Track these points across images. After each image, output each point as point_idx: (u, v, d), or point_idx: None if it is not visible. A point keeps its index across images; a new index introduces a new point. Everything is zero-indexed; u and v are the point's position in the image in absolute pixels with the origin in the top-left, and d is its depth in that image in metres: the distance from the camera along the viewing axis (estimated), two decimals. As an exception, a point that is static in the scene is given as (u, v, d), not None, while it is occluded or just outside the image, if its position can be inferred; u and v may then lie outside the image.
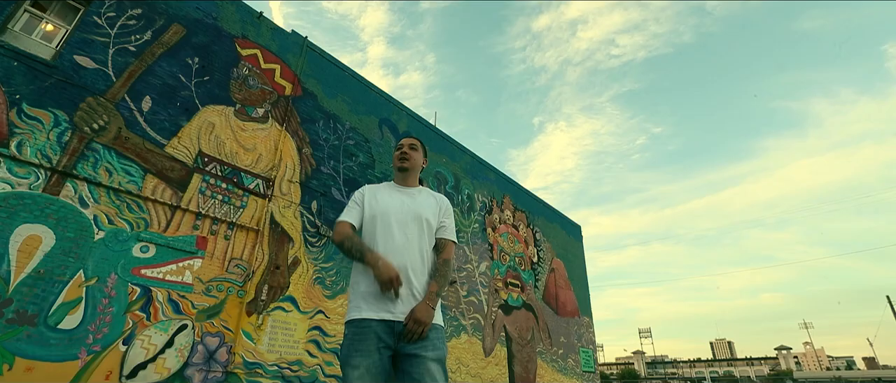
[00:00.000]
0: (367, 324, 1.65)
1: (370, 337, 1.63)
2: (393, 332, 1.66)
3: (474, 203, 11.00)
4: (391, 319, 1.67)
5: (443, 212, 2.03)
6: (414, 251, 1.81)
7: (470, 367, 8.99)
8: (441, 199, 2.08)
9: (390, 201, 1.94)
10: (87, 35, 5.25)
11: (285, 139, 7.12)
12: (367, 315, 1.68)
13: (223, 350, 5.61)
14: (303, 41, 7.94)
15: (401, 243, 1.81)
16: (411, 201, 1.97)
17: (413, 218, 1.90)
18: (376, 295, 1.70)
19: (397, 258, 1.75)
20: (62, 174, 4.77)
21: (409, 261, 1.77)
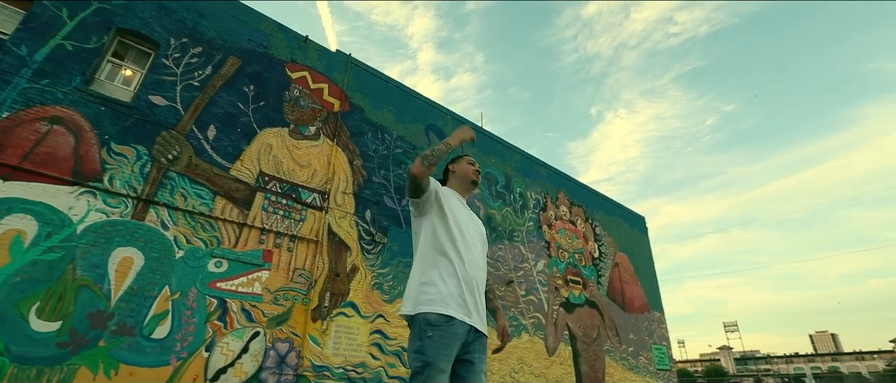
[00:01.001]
0: (455, 327, 1.71)
1: (456, 342, 1.69)
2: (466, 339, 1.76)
3: (527, 201, 10.85)
4: (471, 324, 1.77)
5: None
6: (482, 268, 1.99)
7: (533, 367, 8.86)
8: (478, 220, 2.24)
9: (463, 213, 2.05)
10: (158, 76, 5.89)
11: (337, 153, 7.49)
12: (455, 314, 1.72)
13: (293, 354, 6.00)
14: (347, 58, 8.32)
15: (476, 259, 1.94)
16: (475, 221, 2.12)
17: (479, 236, 2.07)
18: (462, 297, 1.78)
19: (474, 272, 1.88)
20: (146, 202, 5.38)
21: (482, 276, 1.95)
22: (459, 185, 2.19)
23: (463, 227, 1.95)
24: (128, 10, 5.90)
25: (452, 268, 1.83)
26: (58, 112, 5.04)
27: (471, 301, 1.80)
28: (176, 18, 6.30)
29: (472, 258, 1.90)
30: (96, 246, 4.92)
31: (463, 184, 2.19)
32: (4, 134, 4.65)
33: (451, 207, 1.98)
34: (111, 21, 5.70)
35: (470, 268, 1.86)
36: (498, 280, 9.11)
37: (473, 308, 1.80)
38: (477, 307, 1.82)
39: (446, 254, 1.86)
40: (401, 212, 8.01)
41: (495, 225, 9.69)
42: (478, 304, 1.84)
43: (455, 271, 1.83)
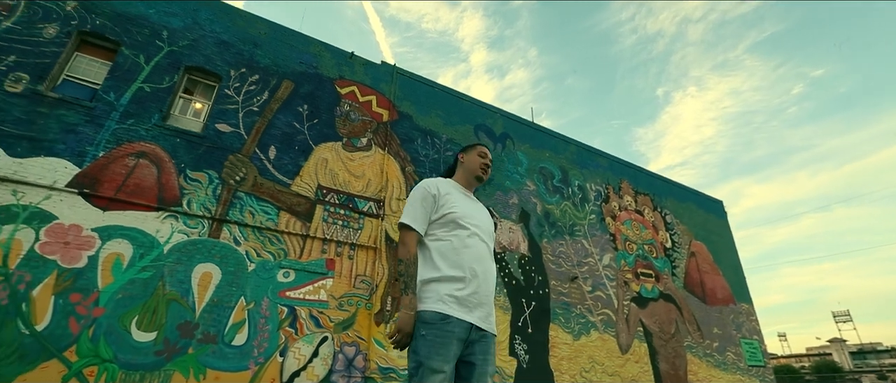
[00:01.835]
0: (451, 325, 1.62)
1: (451, 341, 1.59)
2: (468, 338, 1.65)
3: (587, 193, 10.43)
4: (471, 322, 1.66)
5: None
6: (491, 262, 1.87)
7: (606, 366, 8.47)
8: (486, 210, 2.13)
9: (469, 207, 1.93)
10: (222, 106, 6.44)
11: (389, 162, 7.71)
12: (451, 312, 1.64)
13: (360, 357, 6.24)
14: (392, 69, 8.55)
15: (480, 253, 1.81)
16: (484, 215, 1.99)
17: (488, 226, 1.96)
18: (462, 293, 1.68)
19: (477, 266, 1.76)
20: (219, 221, 5.90)
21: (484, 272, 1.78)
22: (465, 177, 2.08)
23: (468, 221, 1.85)
24: (193, 48, 6.53)
25: (453, 263, 1.75)
26: (142, 147, 5.69)
27: (472, 297, 1.69)
28: (234, 51, 6.86)
29: (476, 252, 1.80)
30: (180, 263, 5.47)
31: (468, 177, 2.08)
32: (101, 170, 5.33)
33: (453, 204, 1.88)
34: (180, 61, 6.34)
35: (473, 262, 1.76)
36: (561, 277, 8.84)
37: (475, 305, 1.70)
38: (481, 304, 1.71)
39: (447, 249, 1.79)
40: (455, 214, 8.05)
41: (554, 220, 9.42)
42: (482, 301, 1.72)
43: (456, 266, 1.74)
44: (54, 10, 5.77)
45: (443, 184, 1.97)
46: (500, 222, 8.59)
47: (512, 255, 8.42)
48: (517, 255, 8.49)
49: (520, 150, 9.74)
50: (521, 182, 9.35)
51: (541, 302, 8.28)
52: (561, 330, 8.28)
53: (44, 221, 4.90)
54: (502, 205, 8.80)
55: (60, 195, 5.07)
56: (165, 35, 6.38)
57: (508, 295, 7.98)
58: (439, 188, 1.93)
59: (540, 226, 9.14)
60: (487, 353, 1.69)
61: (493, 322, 1.78)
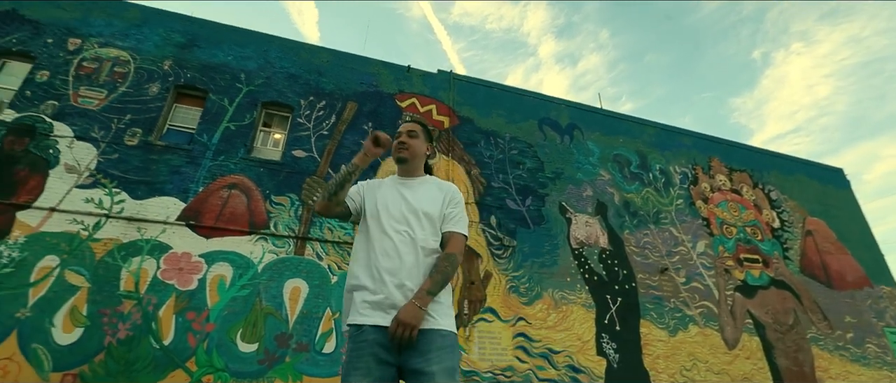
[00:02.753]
0: (364, 335, 1.48)
1: (367, 351, 1.45)
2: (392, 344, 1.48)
3: (671, 177, 9.63)
4: (386, 325, 1.48)
5: (448, 201, 1.77)
6: (408, 251, 1.61)
7: (710, 363, 7.70)
8: (447, 188, 1.84)
9: (387, 197, 1.75)
10: (296, 133, 7.02)
11: (454, 167, 7.81)
12: (362, 320, 1.51)
13: (441, 362, 6.36)
14: (449, 75, 8.67)
15: (393, 243, 1.61)
16: (411, 193, 1.76)
17: (410, 212, 1.69)
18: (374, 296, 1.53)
19: (388, 261, 1.58)
20: (303, 239, 6.41)
21: (403, 263, 1.58)
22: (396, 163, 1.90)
23: (381, 213, 1.69)
24: (267, 86, 7.21)
25: (365, 264, 1.62)
26: (232, 179, 6.40)
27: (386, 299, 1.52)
28: (302, 82, 7.46)
29: (387, 244, 1.61)
30: (273, 280, 6.03)
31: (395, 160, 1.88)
32: (201, 203, 6.09)
33: (377, 199, 1.75)
34: (257, 98, 7.05)
35: (383, 258, 1.58)
36: (649, 269, 8.24)
37: (393, 305, 1.50)
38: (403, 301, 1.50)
39: (360, 252, 1.66)
40: (526, 213, 7.91)
41: (635, 209, 8.83)
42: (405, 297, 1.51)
43: (368, 266, 1.60)
44: (155, 71, 6.75)
45: (376, 182, 1.86)
46: (575, 217, 8.25)
47: (591, 250, 8.03)
48: (597, 250, 8.09)
49: (590, 140, 9.30)
50: (594, 172, 8.91)
51: (628, 298, 7.79)
52: (654, 327, 7.70)
53: (162, 251, 5.71)
54: (576, 198, 8.46)
55: (173, 228, 5.88)
56: (243, 77, 7.14)
57: (591, 291, 7.62)
58: (369, 184, 1.85)
59: (619, 216, 8.62)
60: (429, 350, 1.46)
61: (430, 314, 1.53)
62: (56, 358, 4.88)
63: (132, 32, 6.92)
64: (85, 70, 6.42)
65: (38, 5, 6.67)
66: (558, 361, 6.84)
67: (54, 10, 6.69)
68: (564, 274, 7.60)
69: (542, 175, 8.43)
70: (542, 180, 8.36)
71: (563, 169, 8.64)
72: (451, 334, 1.54)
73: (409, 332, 1.44)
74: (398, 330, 1.43)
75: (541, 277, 7.42)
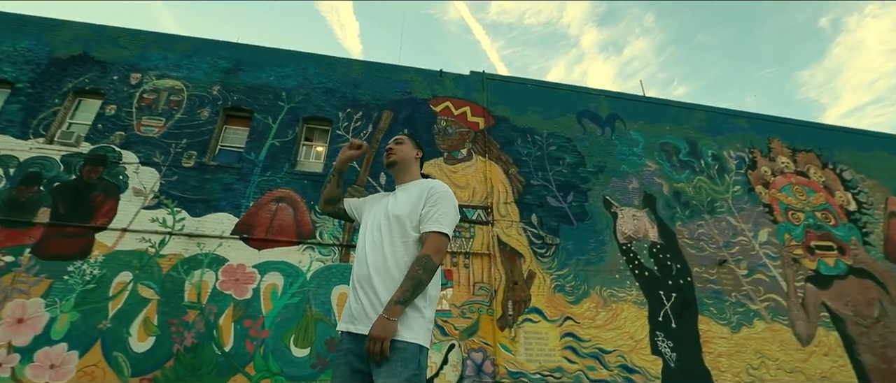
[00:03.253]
0: (342, 343, 1.55)
1: (342, 359, 1.51)
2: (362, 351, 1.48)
3: (725, 162, 9.03)
4: (355, 331, 1.51)
5: (426, 199, 1.68)
6: (378, 256, 1.59)
7: (780, 361, 7.13)
8: (427, 186, 1.74)
9: (375, 207, 1.81)
10: (336, 145, 7.28)
11: (491, 167, 7.78)
12: (340, 327, 1.57)
13: (488, 363, 6.34)
14: (481, 76, 8.66)
15: (365, 251, 1.64)
16: (393, 199, 1.79)
17: (383, 217, 1.69)
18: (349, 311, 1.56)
19: (359, 269, 1.61)
20: (347, 246, 6.63)
21: (372, 268, 1.56)
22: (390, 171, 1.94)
23: (364, 222, 1.76)
24: (307, 101, 7.54)
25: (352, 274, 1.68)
26: (279, 193, 6.74)
27: (356, 305, 1.54)
28: (339, 95, 7.73)
29: (360, 252, 1.65)
30: (321, 287, 6.29)
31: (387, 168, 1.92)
32: (252, 217, 6.47)
33: (369, 208, 1.83)
34: (298, 114, 7.39)
35: (357, 265, 1.62)
36: (705, 262, 7.77)
37: (361, 313, 1.51)
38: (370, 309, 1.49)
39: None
40: (568, 210, 7.72)
41: (687, 199, 8.36)
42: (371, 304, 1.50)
43: (351, 276, 1.67)
44: (205, 96, 7.26)
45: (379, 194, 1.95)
46: (621, 211, 7.95)
47: (640, 245, 7.70)
48: (646, 244, 7.74)
49: (633, 129, 8.92)
50: (640, 163, 8.53)
51: (683, 293, 7.38)
52: (714, 323, 7.25)
53: (219, 264, 6.12)
54: (621, 191, 8.14)
55: (228, 242, 6.28)
56: (284, 95, 7.52)
57: (642, 288, 7.30)
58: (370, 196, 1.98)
59: (670, 207, 8.20)
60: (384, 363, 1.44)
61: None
62: (133, 365, 5.36)
63: (184, 63, 7.50)
64: (145, 101, 7.04)
65: (104, 46, 7.39)
66: (610, 361, 6.61)
67: (117, 50, 7.39)
68: (612, 270, 7.34)
69: (584, 169, 8.20)
70: (584, 175, 8.13)
71: (605, 162, 8.35)
72: (408, 345, 1.45)
73: (380, 346, 1.40)
74: (370, 345, 1.41)
75: (587, 275, 7.21)
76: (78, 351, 5.32)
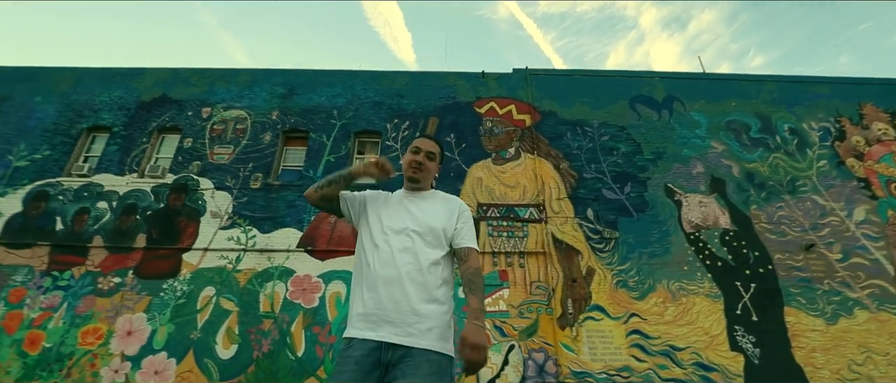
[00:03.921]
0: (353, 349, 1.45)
1: (351, 366, 1.40)
2: (380, 361, 1.42)
3: (806, 136, 8.15)
4: (376, 339, 1.43)
5: (458, 216, 1.73)
6: (410, 260, 1.55)
7: (891, 356, 6.29)
8: (455, 202, 1.80)
9: (392, 211, 1.74)
10: (387, 155, 7.55)
11: (540, 164, 7.65)
12: (354, 333, 1.49)
13: (550, 363, 6.24)
14: (524, 73, 8.55)
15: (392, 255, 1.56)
16: (416, 207, 1.74)
17: (413, 224, 1.65)
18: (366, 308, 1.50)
19: (386, 269, 1.53)
20: (402, 252, 6.85)
21: (405, 273, 1.52)
22: (405, 176, 1.87)
23: (385, 223, 1.67)
24: (356, 117, 7.92)
25: (362, 275, 1.59)
26: (337, 205, 7.14)
27: (378, 311, 1.46)
28: (386, 108, 8.03)
29: (387, 257, 1.55)
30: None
31: (405, 176, 1.85)
32: (314, 230, 6.91)
33: (381, 213, 1.73)
34: (350, 130, 7.77)
35: (381, 268, 1.53)
36: (789, 247, 7.06)
37: (383, 319, 1.44)
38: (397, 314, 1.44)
39: (360, 263, 1.64)
40: (626, 201, 7.39)
41: (762, 180, 7.65)
42: (399, 310, 1.45)
43: (364, 278, 1.57)
44: (266, 122, 7.87)
45: (385, 193, 1.87)
46: (685, 198, 7.46)
47: (710, 233, 7.17)
48: (717, 232, 7.19)
49: (693, 110, 8.33)
50: (704, 146, 7.95)
51: (763, 283, 6.77)
52: (804, 314, 6.56)
53: (288, 275, 6.60)
54: (684, 177, 7.64)
55: (295, 255, 6.75)
56: (336, 113, 7.95)
57: (715, 279, 6.80)
58: (378, 193, 1.86)
59: (742, 190, 7.55)
60: (415, 375, 1.37)
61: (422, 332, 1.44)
62: (221, 370, 5.94)
63: (245, 93, 8.20)
64: (215, 132, 7.79)
65: (179, 87, 8.29)
66: (683, 359, 6.23)
67: (189, 88, 8.25)
68: (680, 262, 6.91)
69: (641, 158, 7.80)
70: (641, 163, 7.73)
71: (664, 147, 7.88)
72: (445, 358, 1.45)
73: (483, 355, 1.37)
74: (472, 354, 1.35)
75: (651, 269, 6.84)
76: (175, 358, 6.00)
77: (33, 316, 6.28)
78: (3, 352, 6.04)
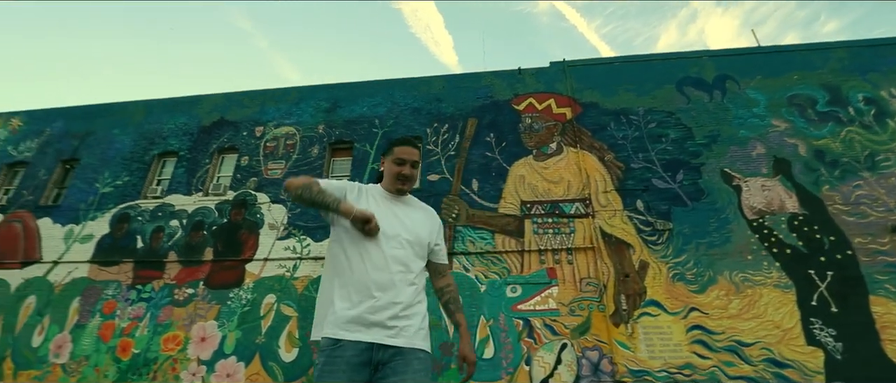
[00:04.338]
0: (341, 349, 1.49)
1: (342, 367, 1.46)
2: (371, 361, 1.50)
3: (885, 104, 7.34)
4: (368, 341, 1.50)
5: (438, 231, 1.91)
6: (400, 270, 1.63)
7: None
8: (434, 215, 1.95)
9: (380, 212, 1.72)
10: (428, 159, 7.70)
11: (584, 157, 7.46)
12: (343, 335, 1.51)
13: (605, 361, 6.07)
14: (562, 65, 8.37)
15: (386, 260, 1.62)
16: (403, 214, 1.80)
17: (405, 232, 1.72)
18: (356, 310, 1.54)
19: (379, 276, 1.58)
20: (449, 254, 6.93)
21: (399, 278, 1.60)
22: (388, 184, 1.88)
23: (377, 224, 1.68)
24: (397, 124, 8.12)
25: (349, 277, 1.60)
26: (383, 211, 7.36)
27: (372, 312, 1.52)
28: (424, 113, 8.17)
29: (378, 260, 1.60)
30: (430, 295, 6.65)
31: (388, 187, 1.87)
32: (362, 237, 7.17)
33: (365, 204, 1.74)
34: (392, 137, 7.97)
35: (372, 271, 1.57)
36: (871, 229, 6.41)
37: (375, 322, 1.51)
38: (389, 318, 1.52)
39: (344, 264, 1.64)
40: (679, 190, 7.03)
41: (834, 157, 6.99)
42: (392, 313, 1.53)
43: (352, 279, 1.59)
44: (313, 136, 8.28)
45: (364, 188, 1.85)
46: (745, 183, 6.98)
47: (775, 218, 6.66)
48: (784, 217, 6.66)
49: (750, 87, 7.77)
50: (763, 125, 7.39)
51: (842, 270, 6.18)
52: (894, 304, 5.93)
53: (341, 282, 6.89)
54: (743, 160, 7.15)
55: (346, 261, 7.05)
56: (377, 122, 8.20)
57: (784, 268, 6.30)
58: (360, 190, 1.82)
59: (811, 170, 6.94)
60: (406, 372, 1.48)
61: (412, 334, 1.56)
62: (285, 373, 6.32)
63: (294, 110, 8.66)
64: (268, 148, 8.30)
65: (234, 109, 8.92)
66: (752, 355, 5.82)
67: (243, 110, 8.86)
68: (743, 251, 6.47)
69: (693, 143, 7.38)
70: (694, 149, 7.32)
71: (718, 130, 7.42)
72: (429, 356, 1.65)
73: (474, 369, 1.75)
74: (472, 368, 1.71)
75: (711, 260, 6.46)
76: (244, 362, 6.46)
77: (123, 326, 7.00)
78: (100, 358, 6.79)
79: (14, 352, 7.07)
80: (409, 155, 1.84)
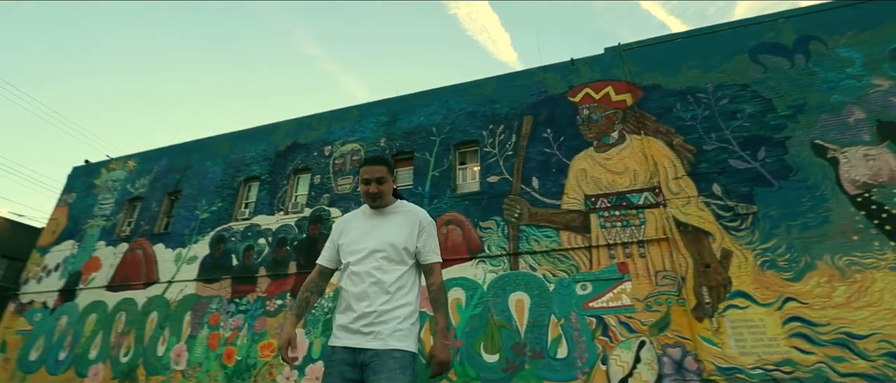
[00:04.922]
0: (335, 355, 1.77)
1: (335, 370, 1.72)
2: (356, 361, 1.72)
3: None
4: (353, 346, 1.74)
5: (418, 232, 1.96)
6: (375, 278, 1.82)
7: None
8: (416, 216, 2.00)
9: (356, 231, 1.98)
10: (486, 162, 7.78)
11: (650, 143, 7.10)
12: (334, 342, 1.82)
13: (689, 358, 5.72)
14: (618, 49, 8.02)
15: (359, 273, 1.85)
16: (380, 224, 1.97)
17: (376, 241, 1.89)
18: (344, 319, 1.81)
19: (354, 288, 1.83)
20: (514, 255, 6.95)
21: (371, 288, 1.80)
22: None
23: (350, 249, 1.92)
24: (453, 130, 8.31)
25: (341, 294, 1.89)
26: (447, 217, 7.55)
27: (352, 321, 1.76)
28: (479, 116, 8.26)
29: (355, 277, 1.84)
30: (498, 296, 6.74)
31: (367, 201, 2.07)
32: (428, 243, 7.41)
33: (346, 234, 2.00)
34: (449, 143, 8.18)
35: (351, 287, 1.84)
36: None
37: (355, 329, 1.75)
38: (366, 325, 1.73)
39: (341, 284, 1.93)
40: (761, 168, 6.44)
41: (959, 114, 6.00)
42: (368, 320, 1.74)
43: (342, 296, 1.88)
44: (376, 149, 8.71)
45: (350, 217, 2.10)
46: (842, 154, 6.21)
47: (885, 191, 5.85)
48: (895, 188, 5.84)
49: (840, 45, 6.89)
50: (861, 86, 6.52)
51: (979, 245, 5.28)
52: None
53: (412, 287, 7.18)
54: (837, 129, 6.37)
55: (415, 267, 7.33)
56: (434, 130, 8.43)
57: (900, 247, 5.52)
58: (344, 223, 2.09)
59: (928, 133, 6.01)
60: (382, 371, 1.65)
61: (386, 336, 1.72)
62: (367, 376, 6.71)
63: (356, 127, 9.19)
64: (337, 166, 8.87)
65: (304, 132, 9.66)
66: (868, 349, 5.16)
67: (312, 132, 9.56)
68: (846, 232, 5.76)
69: (774, 116, 6.71)
70: (776, 122, 6.66)
71: (804, 98, 6.68)
72: (405, 354, 1.73)
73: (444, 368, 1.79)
74: (438, 370, 1.77)
75: (807, 243, 5.83)
76: (330, 366, 6.97)
77: (226, 336, 7.87)
78: (210, 364, 7.68)
79: (145, 361, 8.24)
80: (372, 173, 1.97)
